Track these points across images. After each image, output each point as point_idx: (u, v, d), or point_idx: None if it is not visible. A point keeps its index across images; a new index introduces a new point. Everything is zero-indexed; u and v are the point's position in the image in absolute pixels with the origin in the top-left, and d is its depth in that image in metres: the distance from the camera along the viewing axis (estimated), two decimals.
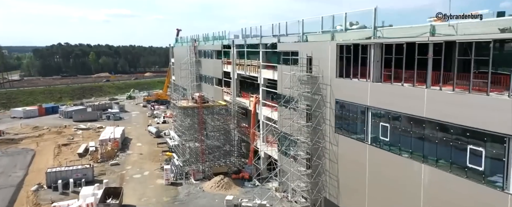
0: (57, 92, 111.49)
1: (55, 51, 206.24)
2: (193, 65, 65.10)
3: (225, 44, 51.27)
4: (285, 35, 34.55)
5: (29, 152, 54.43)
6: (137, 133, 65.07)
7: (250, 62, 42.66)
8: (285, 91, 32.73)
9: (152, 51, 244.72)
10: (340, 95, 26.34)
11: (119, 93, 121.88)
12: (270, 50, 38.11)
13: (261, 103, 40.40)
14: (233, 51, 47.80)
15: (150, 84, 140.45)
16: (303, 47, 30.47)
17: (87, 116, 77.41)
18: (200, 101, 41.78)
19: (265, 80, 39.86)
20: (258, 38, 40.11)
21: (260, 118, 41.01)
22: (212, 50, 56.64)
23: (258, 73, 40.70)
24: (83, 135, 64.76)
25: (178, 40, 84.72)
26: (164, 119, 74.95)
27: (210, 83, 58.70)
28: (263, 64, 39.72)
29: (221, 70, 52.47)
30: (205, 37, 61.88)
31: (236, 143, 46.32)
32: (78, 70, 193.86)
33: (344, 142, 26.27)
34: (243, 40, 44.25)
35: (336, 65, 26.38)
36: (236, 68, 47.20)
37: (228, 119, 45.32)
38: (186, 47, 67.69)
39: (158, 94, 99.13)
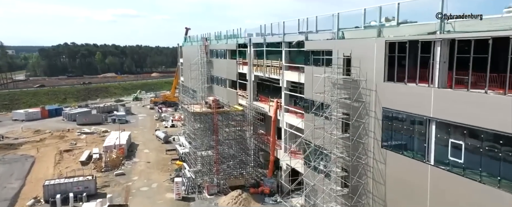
0: (61, 93, 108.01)
1: (61, 51, 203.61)
2: (204, 65, 60.87)
3: (240, 43, 46.94)
4: (314, 32, 30.07)
5: (28, 159, 50.57)
6: (144, 138, 61.00)
7: (270, 63, 38.26)
8: (314, 96, 28.35)
9: (159, 51, 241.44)
10: (389, 103, 21.82)
11: (125, 95, 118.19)
12: (296, 49, 33.69)
13: (283, 109, 35.98)
14: (250, 50, 43.45)
15: (157, 85, 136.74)
16: (339, 46, 25.99)
17: (92, 118, 73.57)
18: (215, 106, 37.44)
19: (288, 83, 35.45)
20: (280, 36, 35.68)
21: (282, 125, 36.59)
22: (226, 49, 52.34)
23: (280, 75, 36.30)
24: (87, 139, 60.84)
25: (187, 39, 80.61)
26: (173, 123, 70.83)
27: (223, 86, 54.39)
28: (286, 65, 35.32)
29: (236, 71, 48.17)
30: (217, 35, 57.61)
31: (253, 152, 41.96)
32: (84, 70, 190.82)
33: (394, 159, 21.75)
34: (262, 38, 39.87)
35: (384, 66, 21.87)
36: (253, 70, 42.83)
37: (244, 125, 40.95)
38: (196, 47, 63.48)
39: (166, 96, 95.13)
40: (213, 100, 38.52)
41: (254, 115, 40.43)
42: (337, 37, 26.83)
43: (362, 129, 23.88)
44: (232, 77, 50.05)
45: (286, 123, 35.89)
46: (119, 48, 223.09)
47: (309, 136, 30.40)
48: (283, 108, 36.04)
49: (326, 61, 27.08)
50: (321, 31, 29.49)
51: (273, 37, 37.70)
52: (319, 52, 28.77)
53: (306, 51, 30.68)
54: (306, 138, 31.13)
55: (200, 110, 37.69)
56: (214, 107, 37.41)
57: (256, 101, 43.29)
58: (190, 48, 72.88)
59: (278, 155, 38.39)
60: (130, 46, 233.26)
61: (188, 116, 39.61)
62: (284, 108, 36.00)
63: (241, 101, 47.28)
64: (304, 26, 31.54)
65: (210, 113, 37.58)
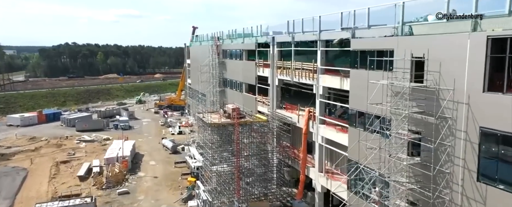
0: (60, 96, 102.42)
1: (62, 51, 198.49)
2: (216, 67, 55.25)
3: (260, 42, 41.24)
4: (364, 27, 24.31)
5: (20, 173, 44.98)
6: (149, 147, 55.35)
7: (301, 65, 32.53)
8: (365, 106, 22.72)
9: (162, 52, 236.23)
10: (491, 121, 16.08)
11: (127, 97, 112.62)
12: (336, 49, 27.97)
13: (318, 120, 30.24)
14: (273, 50, 37.75)
15: (160, 86, 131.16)
16: (405, 44, 20.29)
17: (92, 124, 67.96)
18: (237, 116, 31.70)
19: (324, 90, 29.70)
20: (315, 33, 29.93)
21: (315, 139, 30.85)
22: (242, 49, 46.64)
23: (313, 80, 30.57)
24: (87, 149, 55.23)
25: (195, 39, 75.04)
26: (180, 129, 65.10)
27: (238, 90, 48.69)
28: (322, 68, 29.60)
29: (255, 74, 42.49)
30: (231, 34, 51.94)
31: (276, 168, 36.25)
32: (86, 71, 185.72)
33: (499, 199, 16.00)
34: (289, 36, 34.13)
35: (485, 71, 16.14)
36: (277, 73, 37.15)
37: (267, 137, 35.25)
38: (207, 47, 57.86)
39: (171, 99, 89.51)
40: (233, 109, 32.74)
41: (279, 126, 34.67)
42: (401, 33, 21.08)
43: (444, 153, 18.11)
44: (250, 81, 44.37)
45: (321, 136, 30.14)
46: (121, 48, 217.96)
47: (354, 154, 24.72)
48: (318, 119, 30.29)
49: (382, 64, 21.39)
50: (375, 26, 23.74)
51: (304, 35, 31.96)
52: (372, 53, 23.08)
53: (353, 52, 24.96)
54: (352, 157, 25.45)
55: (219, 120, 31.93)
56: (235, 117, 31.64)
57: (280, 110, 37.58)
58: (199, 48, 67.29)
59: (309, 173, 32.65)
60: (133, 46, 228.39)
61: (203, 127, 33.91)
62: (318, 119, 30.25)
63: (260, 108, 41.64)
64: (350, 21, 25.80)
65: (230, 124, 31.84)
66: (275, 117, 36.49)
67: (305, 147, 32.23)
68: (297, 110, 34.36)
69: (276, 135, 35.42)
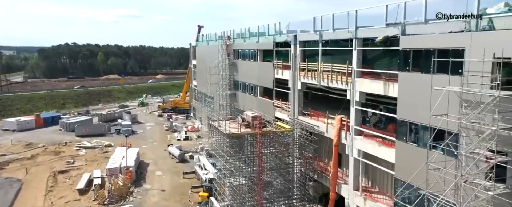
0: (60, 98, 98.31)
1: (61, 51, 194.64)
2: (226, 69, 51.35)
3: (279, 42, 37.34)
4: (420, 21, 20.32)
5: (14, 184, 41.05)
6: (154, 155, 51.37)
7: (330, 66, 28.54)
8: (416, 116, 18.87)
9: (163, 52, 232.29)
10: None
11: (129, 99, 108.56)
12: (378, 49, 24.02)
13: (353, 130, 26.25)
14: (295, 50, 33.81)
15: (163, 88, 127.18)
16: (482, 41, 16.38)
17: (93, 129, 63.95)
18: (259, 125, 27.67)
19: (361, 96, 25.71)
20: (350, 31, 25.94)
21: (349, 151, 26.88)
22: (257, 49, 42.72)
23: (347, 84, 26.59)
24: (87, 157, 51.25)
25: (200, 38, 71.10)
26: (187, 134, 61.10)
27: (252, 93, 44.77)
28: (358, 71, 25.65)
29: (272, 76, 38.58)
30: (243, 33, 47.98)
31: (299, 182, 32.25)
32: (86, 72, 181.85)
33: None
34: (316, 35, 30.14)
35: None
36: (300, 75, 33.20)
37: (289, 147, 31.27)
38: (216, 47, 53.95)
39: (176, 101, 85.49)
40: (254, 117, 28.68)
41: (304, 135, 30.64)
42: (477, 28, 17.12)
43: None
44: (266, 84, 40.44)
45: (357, 149, 26.16)
46: (122, 49, 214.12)
47: (404, 174, 20.77)
48: (353, 129, 26.30)
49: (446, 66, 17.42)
50: (433, 21, 19.74)
51: (335, 33, 27.97)
52: (430, 53, 19.16)
53: (403, 52, 21.00)
54: (400, 177, 21.49)
55: (238, 129, 27.90)
56: (257, 126, 27.59)
57: (303, 117, 33.61)
58: (206, 48, 63.40)
59: (340, 191, 28.65)
60: (134, 47, 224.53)
61: (220, 137, 29.92)
62: (354, 129, 26.26)
63: (278, 114, 37.70)
64: (398, 14, 21.81)
65: (251, 134, 27.82)
66: (297, 125, 32.56)
67: (336, 160, 28.25)
68: (325, 117, 30.39)
69: (299, 145, 31.45)
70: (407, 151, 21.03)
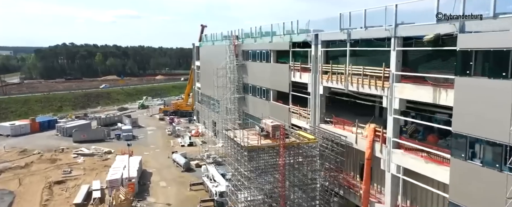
0: (57, 100, 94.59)
1: (59, 51, 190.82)
2: (234, 70, 48.04)
3: (296, 41, 34.03)
4: (488, 15, 17.02)
5: (5, 198, 37.59)
6: (158, 163, 47.94)
7: (361, 69, 25.21)
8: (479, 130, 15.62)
9: (163, 52, 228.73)
10: None
11: (129, 101, 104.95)
12: (425, 49, 20.72)
13: (391, 142, 22.92)
14: (316, 51, 30.51)
15: (163, 89, 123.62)
16: None
17: (91, 134, 60.45)
18: (283, 136, 24.28)
19: (401, 103, 22.38)
20: (387, 28, 22.61)
21: (386, 167, 23.56)
22: (270, 50, 39.41)
23: (384, 90, 23.28)
24: (86, 165, 47.79)
25: (204, 38, 67.71)
26: (191, 140, 57.67)
27: (263, 98, 41.48)
28: (397, 74, 22.34)
29: (288, 80, 35.30)
30: (253, 32, 44.62)
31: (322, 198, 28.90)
32: (84, 72, 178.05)
33: None
34: (343, 33, 26.81)
35: None
36: (322, 79, 29.90)
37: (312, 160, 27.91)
38: (223, 47, 50.61)
39: (178, 104, 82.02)
40: (275, 127, 25.24)
41: (330, 146, 27.25)
42: None
43: None
44: (281, 87, 37.16)
45: (395, 164, 22.84)
46: (120, 49, 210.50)
47: (464, 198, 17.50)
48: (391, 141, 22.97)
49: None
50: (504, 14, 16.45)
51: (368, 31, 24.64)
52: (500, 54, 15.89)
53: (462, 52, 17.71)
54: (458, 201, 18.20)
55: (258, 142, 24.51)
56: (281, 137, 24.19)
57: (325, 125, 30.29)
58: (211, 48, 60.07)
59: None
60: (132, 47, 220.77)
61: (237, 150, 26.53)
62: (391, 141, 22.94)
63: (295, 121, 34.42)
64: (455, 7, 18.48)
65: (272, 147, 24.44)
66: (319, 134, 29.21)
67: (369, 176, 24.94)
68: (352, 126, 27.08)
69: (324, 158, 28.09)
70: (467, 171, 17.73)
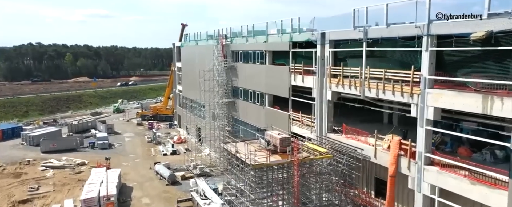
0: (22, 105, 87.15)
1: (24, 52, 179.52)
2: (222, 73, 44.13)
3: (297, 41, 30.59)
4: None
5: None
6: (138, 176, 43.30)
7: (383, 73, 21.99)
8: None
9: (137, 53, 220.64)
10: None
11: (103, 105, 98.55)
12: (469, 49, 17.65)
13: (423, 158, 19.79)
14: (324, 52, 27.20)
15: (139, 92, 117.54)
16: None
17: (62, 143, 54.77)
18: (296, 151, 20.66)
19: (436, 113, 19.26)
20: (416, 26, 19.46)
21: (416, 186, 20.41)
22: (265, 51, 35.82)
23: (412, 97, 20.14)
24: (56, 180, 42.48)
25: (187, 38, 63.27)
26: (174, 148, 53.19)
27: (257, 103, 37.84)
28: (430, 79, 19.25)
29: (288, 83, 31.83)
30: (245, 31, 40.84)
31: None
32: (52, 74, 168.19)
33: None
34: (358, 32, 23.54)
35: None
36: (330, 83, 26.59)
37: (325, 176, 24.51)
38: (208, 47, 46.60)
39: (157, 108, 76.96)
40: (284, 140, 21.64)
41: (346, 161, 23.90)
42: None
43: None
44: (279, 92, 33.68)
45: (429, 184, 19.71)
46: (92, 49, 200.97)
47: None
48: (423, 157, 19.84)
49: None
50: None
51: (390, 29, 21.43)
52: None
53: None
54: None
55: (267, 159, 20.79)
56: (294, 152, 20.56)
57: (334, 134, 27.00)
58: (195, 49, 55.82)
59: None
60: (105, 47, 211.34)
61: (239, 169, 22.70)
62: (423, 156, 19.82)
63: (297, 130, 31.00)
64: None
65: (285, 163, 20.80)
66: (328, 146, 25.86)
67: (393, 196, 21.77)
68: (369, 136, 23.88)
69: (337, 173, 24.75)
70: None
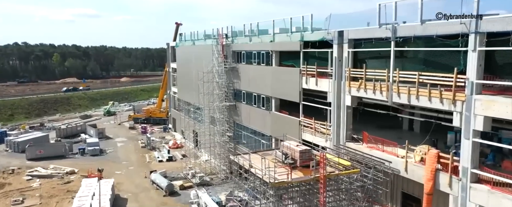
0: (7, 107, 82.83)
1: (10, 51, 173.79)
2: (222, 75, 41.28)
3: (309, 40, 27.91)
4: None
5: None
6: (133, 185, 40.16)
7: (416, 76, 19.37)
8: None
9: (127, 53, 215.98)
10: None
11: (92, 107, 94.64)
12: None
13: (468, 174, 17.21)
14: (341, 52, 24.59)
15: (131, 93, 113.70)
16: None
17: (49, 150, 51.21)
18: (324, 167, 17.90)
19: (486, 123, 16.69)
20: (461, 22, 16.88)
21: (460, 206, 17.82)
22: (271, 51, 33.05)
23: (454, 105, 17.56)
24: (43, 191, 39.09)
25: (183, 37, 60.14)
26: (170, 154, 50.09)
27: (263, 107, 35.05)
28: (478, 83, 16.69)
29: (298, 86, 29.14)
30: (248, 30, 38.02)
31: None
32: (39, 75, 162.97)
33: None
34: (386, 30, 20.91)
35: None
36: (349, 87, 23.96)
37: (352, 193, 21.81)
38: (208, 47, 43.63)
39: (150, 110, 73.61)
40: (305, 153, 18.87)
41: (373, 175, 21.22)
42: None
43: None
44: (288, 95, 31.00)
45: (477, 206, 17.13)
46: (80, 49, 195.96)
47: None
48: (468, 173, 17.27)
49: None
50: None
51: (425, 27, 18.83)
52: None
53: None
54: None
55: (288, 175, 17.97)
56: (322, 168, 17.79)
57: (352, 143, 24.38)
58: (191, 49, 52.83)
59: None
60: (94, 47, 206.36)
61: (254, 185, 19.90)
62: (469, 173, 17.25)
63: (308, 137, 28.32)
64: None
65: (305, 181, 18.03)
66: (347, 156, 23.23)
67: None
68: (401, 148, 21.25)
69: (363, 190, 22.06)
70: None
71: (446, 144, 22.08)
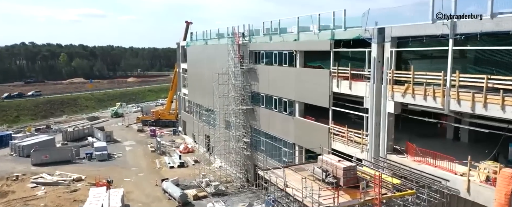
0: (12, 109, 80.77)
1: (16, 52, 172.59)
2: (238, 76, 38.48)
3: (341, 39, 24.98)
4: None
5: None
6: (144, 195, 37.50)
7: (484, 80, 16.37)
8: None
9: (134, 53, 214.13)
10: None
11: (99, 108, 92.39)
12: None
13: None
14: (382, 52, 21.64)
15: (138, 94, 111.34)
16: None
17: (55, 154, 48.79)
18: (379, 189, 14.95)
19: None
20: None
21: None
22: (295, 51, 30.12)
23: None
24: (48, 200, 36.61)
25: (194, 37, 57.36)
26: (181, 159, 47.41)
27: (285, 112, 32.15)
28: None
29: (328, 90, 26.19)
30: (267, 28, 35.15)
31: None
32: (46, 75, 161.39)
33: None
34: (442, 26, 17.93)
35: None
36: (392, 91, 20.99)
37: None
38: (223, 47, 40.83)
39: (159, 112, 71.01)
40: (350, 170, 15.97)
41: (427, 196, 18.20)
42: None
43: None
44: (314, 100, 28.10)
45: None
46: (87, 49, 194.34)
47: None
48: None
49: None
50: None
51: (497, 21, 15.83)
52: None
53: None
54: None
55: (335, 200, 15.09)
56: (377, 193, 14.86)
57: (395, 155, 21.42)
58: (203, 49, 50.07)
59: None
60: (101, 47, 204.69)
61: None
62: None
63: (339, 146, 25.39)
64: None
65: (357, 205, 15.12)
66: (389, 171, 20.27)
67: None
68: (461, 165, 18.23)
69: None
70: None
71: (507, 159, 19.09)
